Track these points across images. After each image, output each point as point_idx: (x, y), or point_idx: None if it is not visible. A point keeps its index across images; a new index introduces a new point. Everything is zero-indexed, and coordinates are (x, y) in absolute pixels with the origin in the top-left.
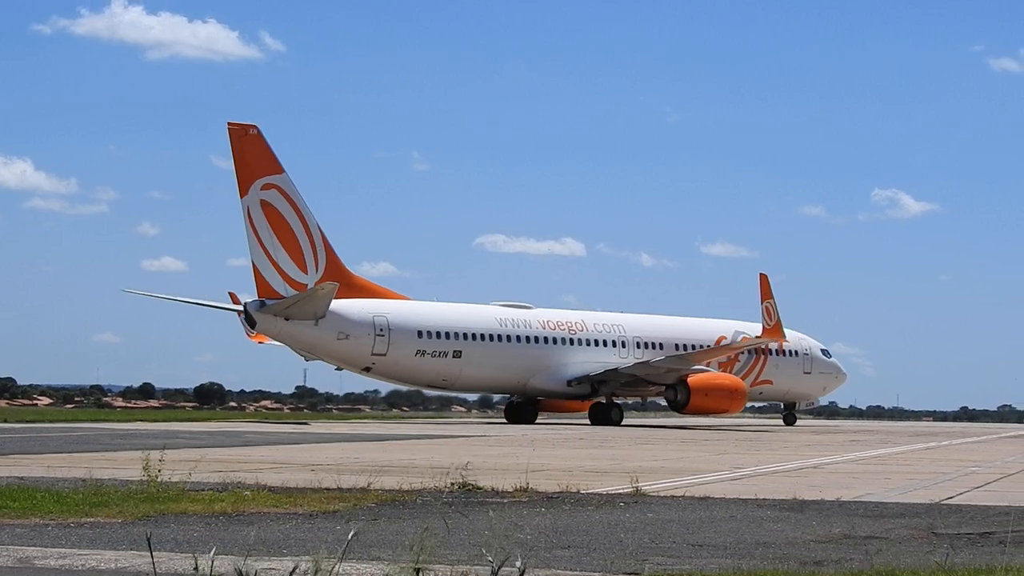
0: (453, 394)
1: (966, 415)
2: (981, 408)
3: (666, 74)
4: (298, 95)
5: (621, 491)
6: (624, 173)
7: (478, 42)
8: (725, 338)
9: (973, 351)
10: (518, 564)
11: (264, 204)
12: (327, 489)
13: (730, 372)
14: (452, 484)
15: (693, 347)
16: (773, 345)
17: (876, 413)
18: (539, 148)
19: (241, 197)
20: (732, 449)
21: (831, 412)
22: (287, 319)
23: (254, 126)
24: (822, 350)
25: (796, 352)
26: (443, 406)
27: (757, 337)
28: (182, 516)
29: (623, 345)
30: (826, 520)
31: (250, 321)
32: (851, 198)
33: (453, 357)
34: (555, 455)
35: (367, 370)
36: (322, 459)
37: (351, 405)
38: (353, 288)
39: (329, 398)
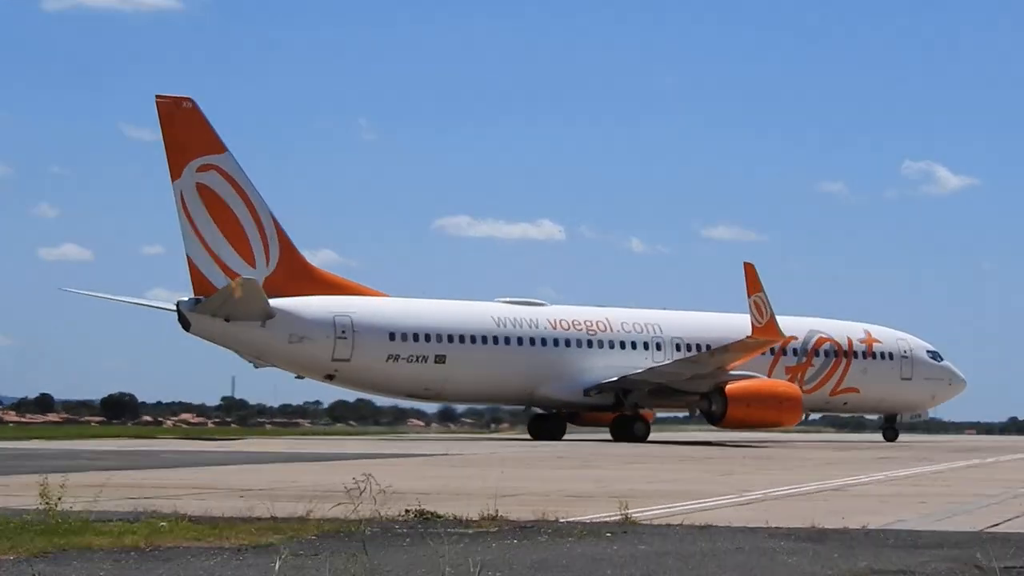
0: (410, 405)
1: (1015, 427)
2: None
3: (659, 27)
4: (223, 52)
5: (607, 519)
6: (611, 144)
7: None
8: (796, 339)
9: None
10: None
11: (201, 188)
12: (259, 519)
13: (800, 378)
14: (407, 512)
15: None
16: (860, 347)
17: (909, 425)
18: (510, 114)
19: (173, 180)
20: (739, 468)
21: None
22: (227, 320)
23: (188, 99)
24: (929, 352)
25: (891, 354)
26: (397, 420)
27: (748, 337)
28: (86, 551)
29: (658, 347)
30: (850, 552)
31: (184, 323)
32: (877, 172)
33: (435, 362)
34: (531, 476)
35: (329, 378)
36: (253, 483)
37: (288, 419)
38: (316, 283)
39: (262, 411)
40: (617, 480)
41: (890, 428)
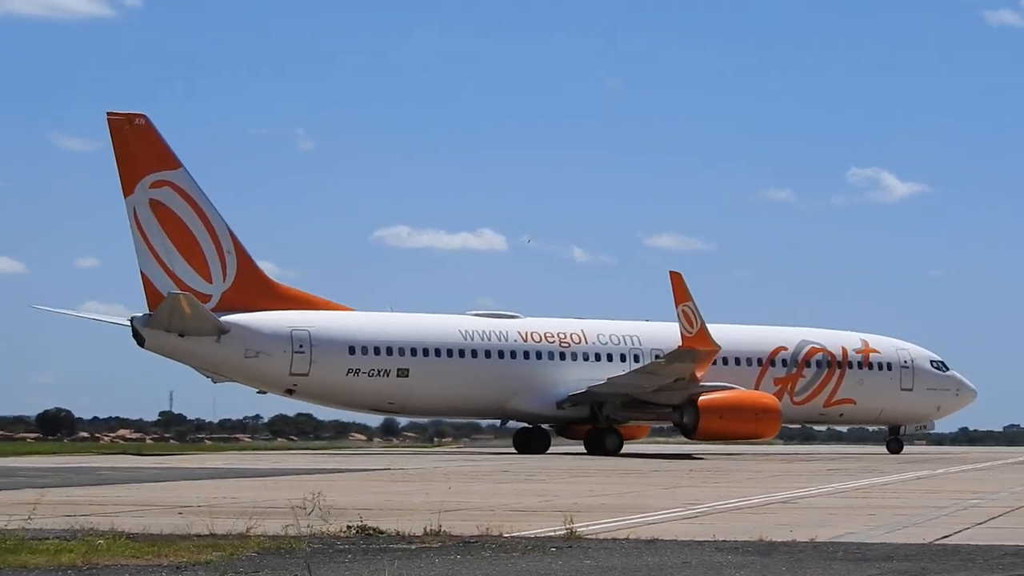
0: (350, 419)
1: (966, 438)
2: (984, 429)
3: (603, 31)
4: (158, 59)
5: (552, 533)
6: (552, 151)
7: None
8: (785, 349)
9: (972, 361)
10: None
11: (155, 204)
12: (198, 536)
13: (790, 390)
14: (349, 527)
15: (738, 360)
16: (856, 357)
17: (858, 435)
18: (450, 122)
19: (125, 196)
20: (686, 481)
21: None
22: (181, 335)
23: (142, 115)
24: (933, 362)
25: (889, 365)
26: (338, 434)
27: (680, 348)
28: (21, 571)
29: (636, 359)
30: (798, 565)
31: (139, 338)
32: (824, 179)
33: (398, 376)
34: (474, 491)
35: (289, 392)
36: (192, 499)
37: (228, 434)
38: (277, 298)
39: (201, 426)
40: (562, 494)
41: (894, 440)
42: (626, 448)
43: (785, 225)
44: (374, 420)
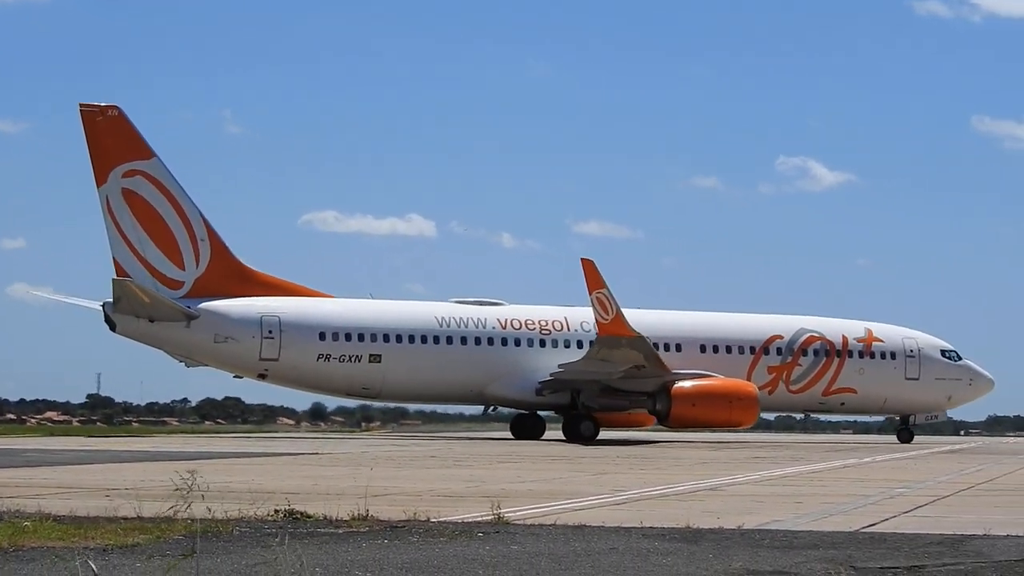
0: (278, 403)
1: (892, 427)
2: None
3: (530, 18)
4: (77, 34)
5: (479, 519)
6: (480, 138)
7: None
8: (781, 338)
9: None
10: None
11: (127, 193)
12: (125, 518)
13: (785, 378)
14: (276, 511)
15: (728, 349)
16: (857, 346)
17: (786, 424)
18: (378, 107)
19: (98, 186)
20: (613, 468)
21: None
22: (151, 320)
23: (114, 107)
24: (944, 351)
25: (893, 354)
26: (266, 418)
27: (598, 336)
28: None
29: None
30: (724, 552)
31: (110, 323)
32: (751, 168)
33: (370, 362)
34: (402, 476)
35: (262, 377)
36: (119, 482)
37: (155, 417)
38: (252, 284)
39: (128, 409)
40: (489, 480)
41: (904, 430)
42: (615, 436)
43: (712, 213)
44: (301, 404)
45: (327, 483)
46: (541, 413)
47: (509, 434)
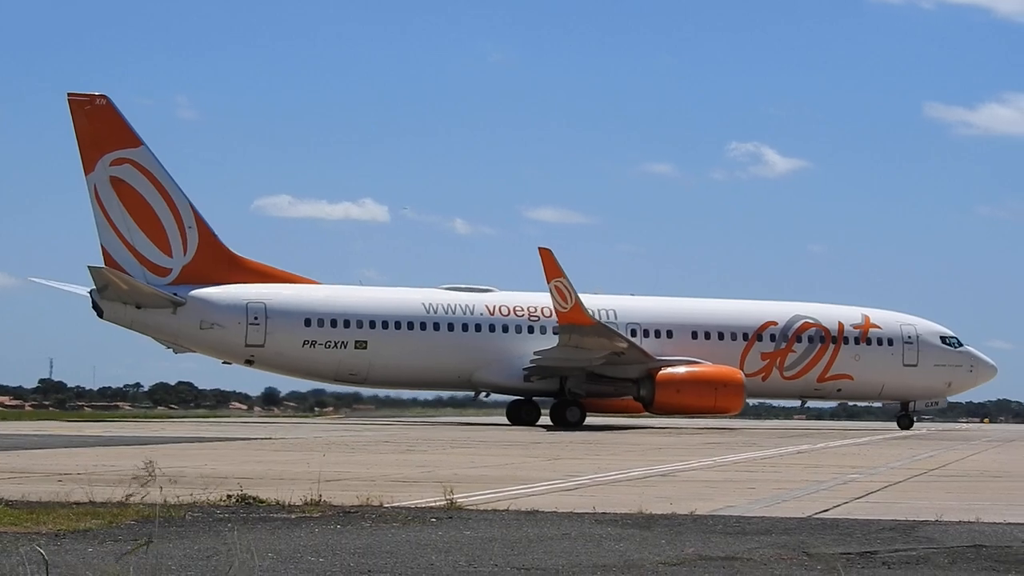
0: (231, 388)
1: (845, 413)
2: (864, 405)
3: (487, 4)
4: (29, 21)
5: (433, 504)
6: (434, 123)
7: None
8: (775, 324)
9: None
10: None
11: (115, 181)
12: (77, 503)
13: (779, 364)
14: (229, 496)
15: (721, 335)
16: (854, 332)
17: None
18: (332, 92)
19: (86, 174)
20: (566, 453)
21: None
22: (138, 307)
23: (103, 96)
24: (944, 338)
25: (890, 340)
26: (219, 403)
27: (560, 324)
28: None
29: None
30: (677, 538)
31: (97, 310)
32: (704, 153)
33: (356, 348)
34: (355, 461)
35: (249, 363)
36: (71, 467)
37: (108, 402)
38: (241, 271)
39: (80, 393)
40: (442, 465)
41: (904, 416)
42: (600, 421)
43: (665, 199)
44: (254, 389)
45: (280, 468)
46: (537, 399)
47: (472, 419)
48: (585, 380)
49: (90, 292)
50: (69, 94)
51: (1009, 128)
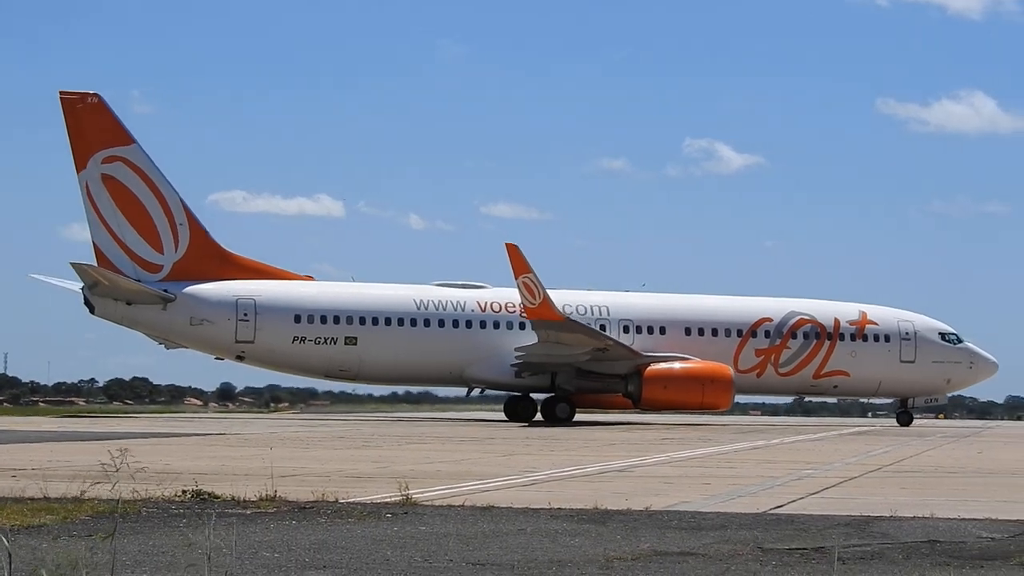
0: (186, 384)
1: (801, 409)
2: (819, 400)
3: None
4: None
5: (388, 499)
6: (388, 116)
7: None
8: (770, 321)
9: None
10: None
11: (107, 178)
12: (32, 499)
13: (774, 361)
14: (183, 492)
15: (715, 332)
16: (850, 329)
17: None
18: (288, 86)
19: (78, 172)
20: (522, 449)
21: None
22: (129, 303)
23: (95, 94)
24: (944, 334)
25: (887, 336)
26: (174, 398)
27: (531, 320)
28: None
29: (603, 328)
30: (633, 534)
31: (89, 306)
32: (658, 149)
33: (345, 344)
34: (310, 457)
35: (239, 358)
36: (25, 462)
37: (63, 397)
38: (232, 267)
39: (35, 388)
40: (398, 460)
41: (904, 412)
42: (589, 418)
43: (620, 194)
44: (210, 385)
45: (235, 464)
46: (535, 396)
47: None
48: (575, 376)
49: (82, 288)
50: (61, 92)
51: (962, 125)
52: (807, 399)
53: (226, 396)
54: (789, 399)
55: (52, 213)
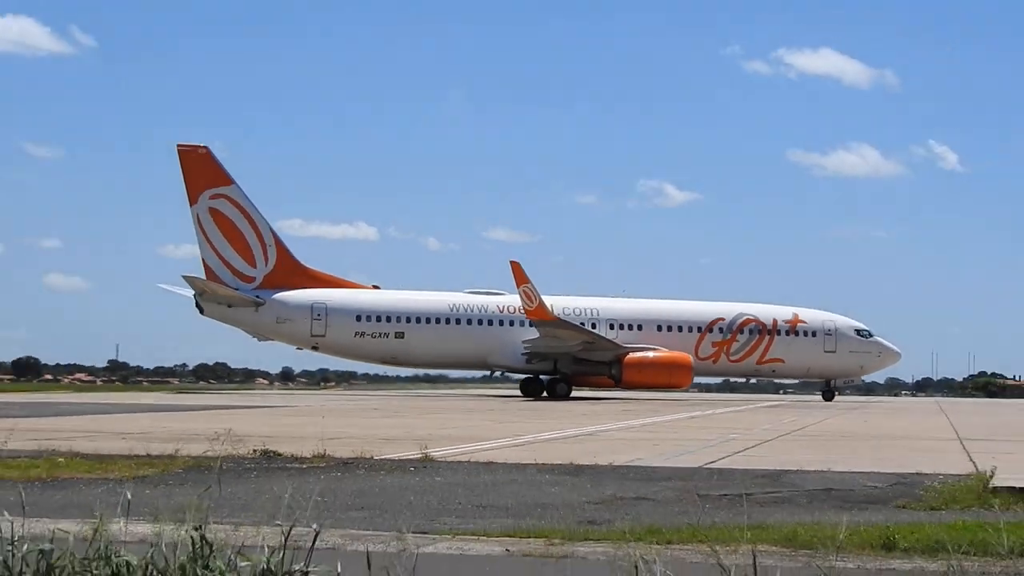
0: (256, 367)
1: (728, 387)
2: (742, 381)
3: (449, 61)
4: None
5: (411, 457)
6: (411, 162)
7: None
8: (723, 320)
9: None
10: (314, 526)
11: (213, 211)
12: (137, 456)
13: (726, 351)
14: (255, 451)
15: (680, 328)
16: (785, 326)
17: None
18: (332, 133)
19: (191, 205)
20: (514, 418)
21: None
22: (230, 306)
23: (204, 146)
24: (858, 330)
25: (814, 332)
26: (247, 378)
27: (530, 320)
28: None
29: (593, 326)
30: (599, 483)
31: (200, 309)
32: (620, 187)
33: (395, 338)
34: (351, 423)
35: (315, 348)
36: (132, 428)
37: (161, 378)
38: (309, 279)
39: (140, 371)
40: (419, 427)
41: (828, 391)
42: (583, 395)
43: (591, 222)
44: (274, 367)
45: (294, 429)
46: (544, 377)
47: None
48: (571, 362)
49: (194, 296)
50: (178, 145)
51: (853, 170)
52: (733, 380)
53: (287, 377)
54: (720, 380)
55: (167, 236)
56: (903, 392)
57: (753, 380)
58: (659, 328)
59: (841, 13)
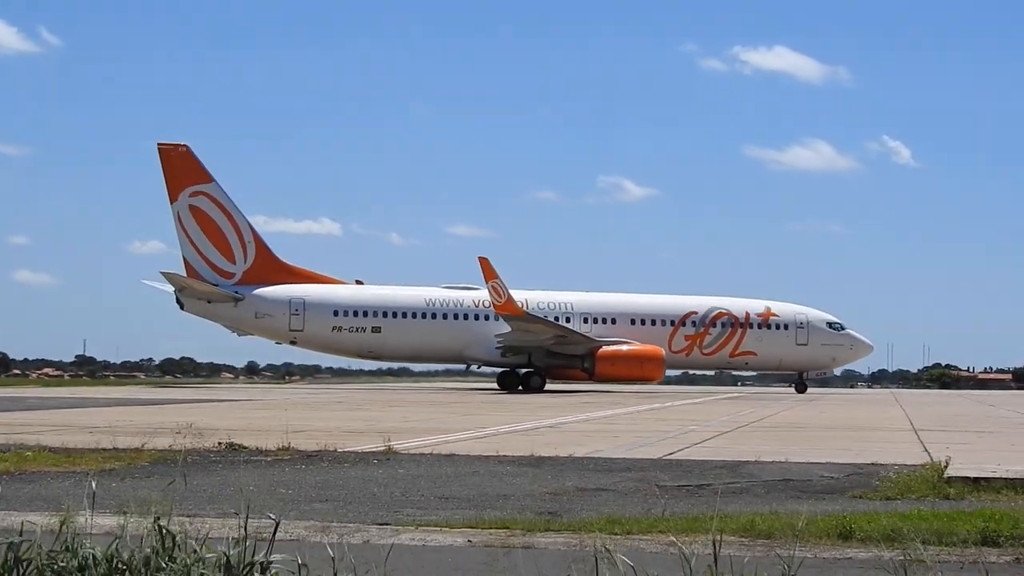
0: (222, 361)
1: (687, 379)
2: (700, 374)
3: (414, 66)
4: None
5: (374, 449)
6: (375, 160)
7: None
8: (696, 313)
9: None
10: (273, 516)
11: (193, 208)
12: (104, 449)
13: (699, 344)
14: (219, 444)
15: (653, 322)
16: (757, 319)
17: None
18: (296, 133)
19: (171, 203)
20: (477, 411)
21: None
22: (209, 302)
23: (184, 144)
24: (830, 323)
25: (786, 325)
26: (212, 373)
27: (498, 315)
28: None
29: (567, 320)
30: (560, 474)
31: (180, 304)
32: (579, 184)
33: (372, 332)
34: (316, 417)
35: (293, 343)
36: (99, 422)
37: (127, 372)
38: (288, 274)
39: (107, 366)
40: (383, 420)
41: (800, 383)
42: (557, 388)
43: (551, 217)
44: (239, 361)
45: (259, 422)
46: (520, 370)
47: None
48: (545, 356)
49: (174, 292)
50: (159, 143)
51: (809, 165)
52: (690, 373)
53: (252, 371)
54: (678, 372)
55: (134, 234)
56: (859, 384)
57: (711, 372)
58: (632, 322)
59: (795, 12)
